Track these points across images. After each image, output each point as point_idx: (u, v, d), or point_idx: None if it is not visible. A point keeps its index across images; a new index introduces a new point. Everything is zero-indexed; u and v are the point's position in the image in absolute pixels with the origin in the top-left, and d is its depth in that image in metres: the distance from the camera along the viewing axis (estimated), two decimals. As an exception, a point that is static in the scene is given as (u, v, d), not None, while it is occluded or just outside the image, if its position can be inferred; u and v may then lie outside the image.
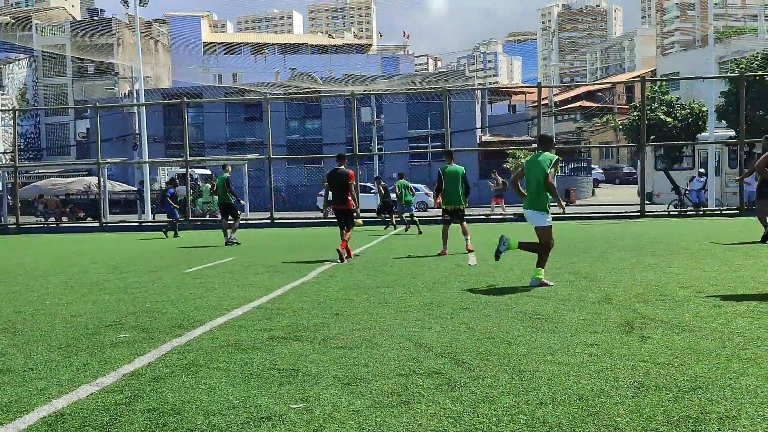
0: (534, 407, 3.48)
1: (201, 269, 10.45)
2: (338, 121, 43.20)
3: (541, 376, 4.02)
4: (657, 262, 9.48)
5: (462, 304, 6.56)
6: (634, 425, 3.19)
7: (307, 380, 4.08)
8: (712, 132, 27.98)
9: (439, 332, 5.31)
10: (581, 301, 6.53)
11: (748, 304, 6.07)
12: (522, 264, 9.74)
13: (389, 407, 3.55)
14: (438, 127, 40.46)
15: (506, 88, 69.22)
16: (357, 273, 9.31)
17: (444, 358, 4.49)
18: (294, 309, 6.56)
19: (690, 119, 32.69)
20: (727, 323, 5.30)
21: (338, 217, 11.56)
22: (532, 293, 7.07)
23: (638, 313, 5.84)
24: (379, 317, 6.00)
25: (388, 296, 7.16)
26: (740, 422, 3.17)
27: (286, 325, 5.76)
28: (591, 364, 4.24)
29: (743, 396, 3.54)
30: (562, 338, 4.98)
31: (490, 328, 5.41)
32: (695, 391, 3.65)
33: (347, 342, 5.07)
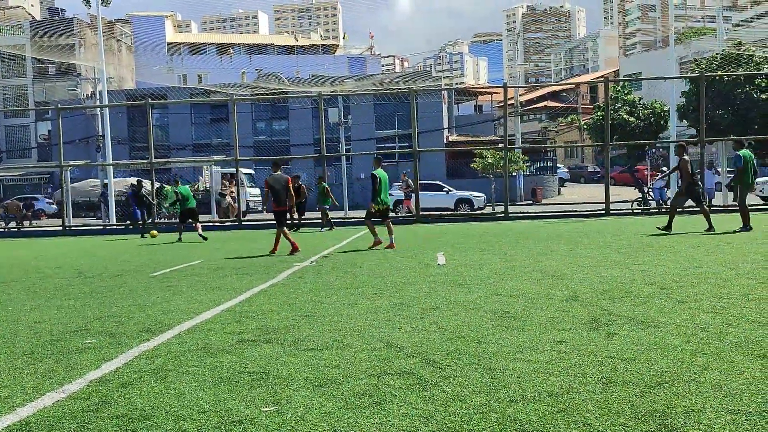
0: (505, 405, 3.51)
1: (168, 272, 10.32)
2: (305, 121, 43.05)
3: (511, 374, 4.07)
4: (622, 259, 9.65)
5: (431, 304, 6.59)
6: (603, 420, 3.24)
7: (278, 383, 4.06)
8: (673, 131, 28.61)
9: (409, 332, 5.32)
10: (549, 299, 6.61)
11: (710, 299, 6.22)
12: (490, 263, 9.83)
13: (361, 408, 3.55)
14: (405, 127, 40.59)
15: (472, 88, 69.73)
16: (326, 274, 9.29)
17: (415, 358, 4.51)
18: (263, 311, 6.51)
19: (652, 119, 33.40)
20: (691, 319, 5.42)
21: (278, 218, 12.91)
22: (500, 292, 7.13)
23: (605, 309, 5.94)
24: (350, 318, 5.99)
25: (358, 297, 7.16)
26: (705, 415, 3.25)
27: (256, 328, 5.72)
28: (560, 361, 4.30)
29: (707, 390, 3.62)
30: (530, 336, 5.03)
31: (460, 327, 5.44)
32: (661, 385, 3.73)
33: (318, 343, 5.05)
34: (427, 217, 23.34)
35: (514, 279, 8.07)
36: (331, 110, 31.46)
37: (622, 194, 33.33)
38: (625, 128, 32.92)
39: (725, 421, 3.17)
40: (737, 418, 3.19)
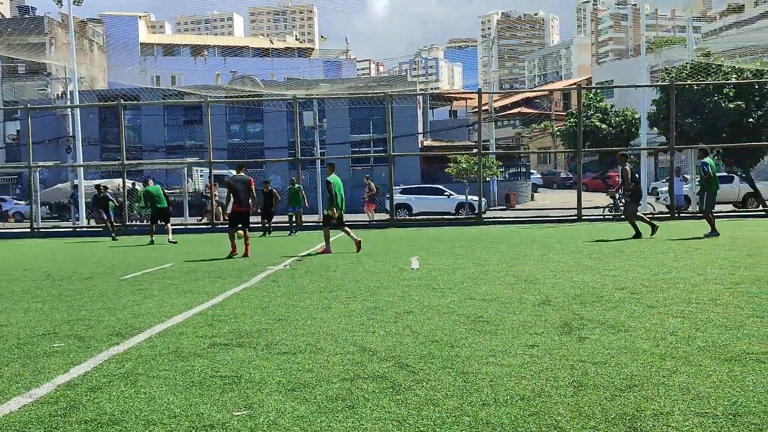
0: (477, 408, 3.53)
1: (139, 275, 10.18)
2: (280, 125, 42.85)
3: (483, 377, 4.09)
4: (593, 264, 9.76)
5: (405, 308, 6.60)
6: (574, 423, 3.27)
7: (251, 387, 4.03)
8: (644, 138, 29.06)
9: (383, 336, 5.32)
10: (522, 303, 6.66)
11: (679, 304, 6.32)
12: (464, 268, 9.88)
13: (334, 412, 3.53)
14: (380, 131, 40.62)
15: (447, 93, 70.09)
16: (300, 278, 9.25)
17: (388, 362, 4.51)
18: (236, 315, 6.46)
19: (623, 126, 33.86)
20: (660, 323, 5.50)
21: (239, 219, 13.03)
22: (473, 297, 7.17)
23: (576, 314, 6.00)
24: (323, 322, 5.97)
25: (332, 301, 7.14)
26: (673, 418, 3.30)
27: (228, 332, 5.67)
28: (532, 365, 4.33)
29: (676, 393, 3.68)
30: (503, 340, 5.06)
31: (433, 331, 5.46)
32: (631, 389, 3.78)
33: (291, 347, 5.03)
34: (402, 221, 23.38)
35: (488, 283, 8.12)
36: (306, 114, 31.38)
37: (593, 200, 33.75)
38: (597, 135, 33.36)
39: (693, 423, 3.22)
40: (705, 421, 3.24)
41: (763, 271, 8.35)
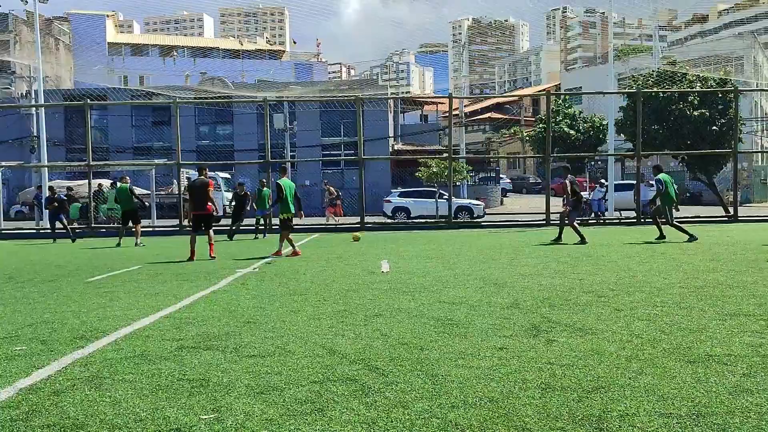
0: (446, 410, 3.54)
1: (104, 278, 10.00)
2: (250, 127, 42.53)
3: (453, 380, 4.10)
4: (562, 268, 9.88)
5: (375, 311, 6.59)
6: (542, 425, 3.30)
7: (219, 390, 3.98)
8: (611, 144, 29.53)
9: (352, 339, 5.31)
10: (491, 306, 6.71)
11: (645, 307, 6.43)
12: (434, 271, 9.91)
13: (303, 415, 3.51)
14: (351, 135, 40.60)
15: (418, 98, 70.36)
16: (269, 281, 9.18)
17: (358, 365, 4.50)
18: (204, 318, 6.39)
19: (591, 132, 34.37)
20: (626, 326, 5.59)
21: (198, 221, 13.08)
22: (443, 299, 7.19)
23: (545, 317, 6.06)
24: (292, 325, 5.94)
25: (301, 304, 7.11)
26: (639, 419, 3.35)
27: (196, 335, 5.60)
28: (501, 367, 4.36)
29: (641, 394, 3.73)
30: (473, 343, 5.09)
31: (403, 334, 5.46)
32: (598, 390, 3.82)
33: (259, 350, 4.98)
34: (372, 225, 23.39)
35: (457, 286, 8.16)
36: (277, 116, 31.24)
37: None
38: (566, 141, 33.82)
39: (658, 424, 3.27)
40: (669, 421, 3.30)
41: (725, 276, 8.54)
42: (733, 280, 8.07)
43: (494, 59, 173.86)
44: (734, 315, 5.92)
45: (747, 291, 7.24)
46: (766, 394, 3.68)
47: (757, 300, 6.66)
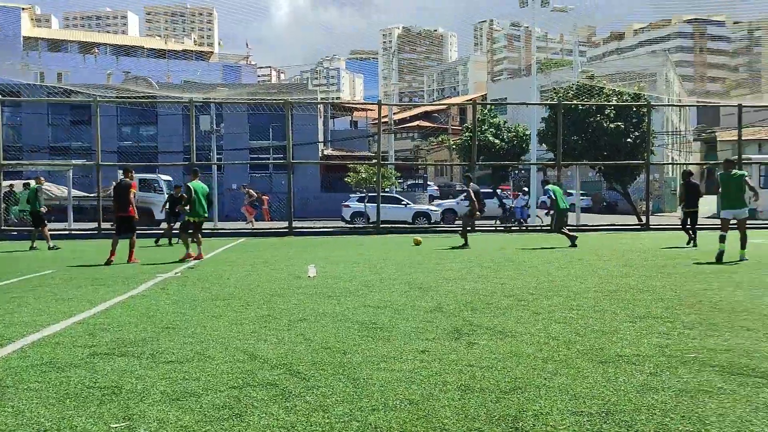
0: (367, 413, 3.54)
1: (13, 283, 9.50)
2: (175, 128, 41.45)
3: (374, 383, 4.10)
4: (484, 273, 10.08)
5: (299, 315, 6.53)
6: (460, 425, 3.35)
7: (132, 397, 3.84)
8: (534, 154, 30.40)
9: (275, 344, 5.24)
10: (415, 310, 6.77)
11: (562, 311, 6.64)
12: (360, 275, 9.92)
13: (220, 421, 3.43)
14: (280, 139, 40.19)
15: (347, 103, 70.46)
16: (191, 286, 8.95)
17: (279, 370, 4.44)
18: (120, 324, 6.16)
19: (515, 141, 35.28)
20: (544, 328, 5.75)
21: (120, 225, 12.98)
22: (368, 304, 7.20)
23: (466, 320, 6.16)
24: (213, 330, 5.81)
25: (224, 309, 6.96)
26: (552, 418, 3.44)
27: (111, 341, 5.39)
28: (422, 370, 4.40)
29: (555, 394, 3.85)
30: (395, 346, 5.12)
31: (326, 338, 5.43)
32: (515, 391, 3.91)
33: (177, 356, 4.84)
34: (300, 230, 23.20)
35: (383, 291, 8.19)
36: (203, 117, 30.55)
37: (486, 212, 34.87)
38: (491, 149, 34.53)
39: (569, 422, 3.38)
40: (580, 419, 3.41)
41: (636, 280, 8.93)
42: (644, 285, 8.44)
43: (423, 68, 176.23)
44: (644, 317, 6.19)
45: (656, 295, 7.58)
46: (670, 391, 3.86)
47: (664, 303, 6.98)
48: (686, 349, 4.92)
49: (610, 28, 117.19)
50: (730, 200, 12.05)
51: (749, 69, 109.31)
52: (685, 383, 4.03)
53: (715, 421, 3.37)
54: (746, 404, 3.62)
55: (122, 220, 12.93)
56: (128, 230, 12.88)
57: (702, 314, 6.32)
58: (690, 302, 7.04)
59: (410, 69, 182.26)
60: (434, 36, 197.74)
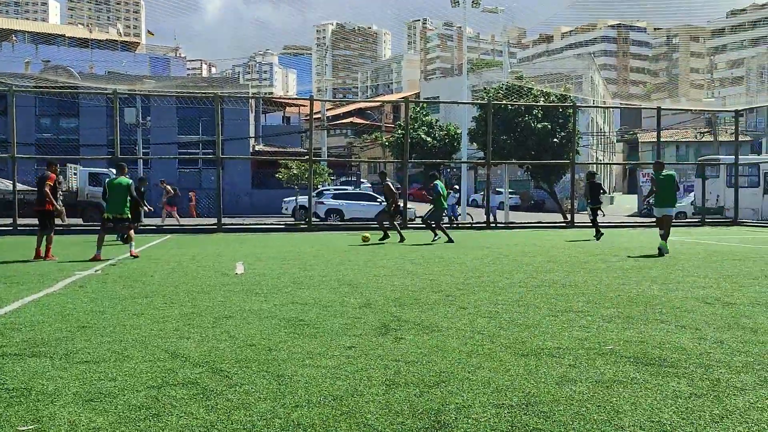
0: (290, 410, 3.49)
1: None
2: (99, 120, 39.97)
3: (299, 379, 4.06)
4: (414, 269, 10.16)
5: (225, 312, 6.40)
6: (383, 420, 3.35)
7: (42, 399, 3.66)
8: (464, 152, 30.89)
9: (198, 342, 5.11)
10: (343, 306, 6.75)
11: (487, 305, 6.75)
12: (289, 273, 9.82)
13: (136, 421, 3.32)
14: (210, 133, 39.36)
15: (278, 98, 69.67)
16: (112, 284, 8.64)
17: (201, 368, 4.33)
18: (33, 323, 5.87)
19: (447, 140, 35.79)
20: (470, 323, 5.83)
21: (38, 218, 12.41)
22: (296, 300, 7.13)
23: (394, 316, 6.19)
24: (133, 329, 5.62)
25: (146, 307, 6.75)
26: (474, 410, 3.49)
27: (22, 341, 5.13)
28: (348, 366, 4.39)
29: (478, 387, 3.90)
30: (322, 342, 5.08)
31: (252, 335, 5.34)
32: (439, 385, 3.95)
33: (93, 356, 4.66)
34: (229, 227, 22.80)
35: (312, 288, 8.13)
36: (128, 110, 29.59)
37: (418, 210, 35.22)
38: (423, 147, 34.92)
39: (490, 414, 3.43)
40: (501, 411, 3.47)
41: (559, 275, 9.20)
42: (566, 280, 8.70)
43: (357, 65, 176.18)
44: (565, 311, 6.38)
45: (578, 289, 7.83)
46: (588, 382, 3.99)
47: (586, 298, 7.22)
48: (604, 341, 5.09)
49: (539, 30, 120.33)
50: (663, 199, 12.86)
51: (668, 74, 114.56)
52: (602, 374, 4.17)
53: (629, 410, 3.49)
54: (657, 393, 3.77)
55: (38, 214, 12.38)
56: (44, 226, 12.30)
57: (620, 308, 6.57)
58: (609, 296, 7.30)
59: (344, 66, 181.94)
60: (368, 33, 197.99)
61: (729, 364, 4.41)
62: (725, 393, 3.77)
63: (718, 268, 10.12)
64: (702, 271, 9.63)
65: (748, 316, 6.07)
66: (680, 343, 5.02)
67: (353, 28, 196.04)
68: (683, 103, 60.36)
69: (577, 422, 3.30)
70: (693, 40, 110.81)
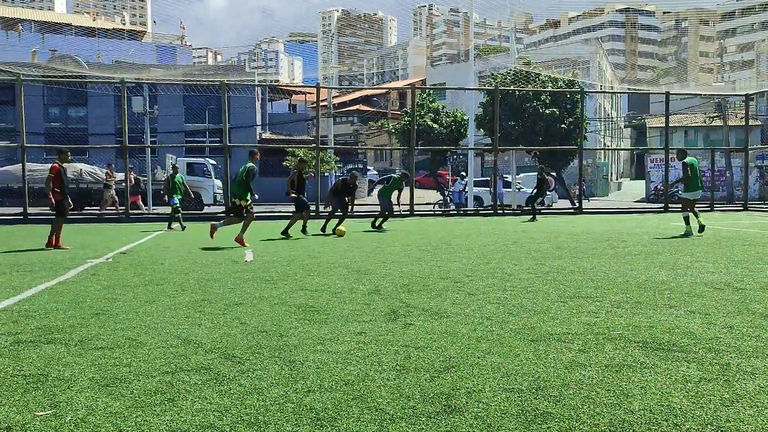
0: (302, 395, 3.54)
1: (-69, 270, 9.03)
2: (107, 110, 40.14)
3: (310, 365, 4.11)
4: (422, 256, 10.19)
5: (235, 299, 6.46)
6: (394, 405, 3.39)
7: (59, 385, 3.72)
8: (471, 139, 30.79)
9: (210, 328, 5.17)
10: (352, 293, 6.79)
11: (496, 291, 6.78)
12: (298, 259, 9.87)
13: (152, 406, 3.37)
14: (216, 121, 39.41)
15: (285, 86, 69.55)
16: (123, 271, 8.72)
17: (213, 354, 4.38)
18: (47, 310, 5.94)
19: (453, 126, 35.62)
20: (479, 309, 5.86)
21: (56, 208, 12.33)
22: (306, 287, 7.18)
23: (403, 302, 6.23)
24: (146, 316, 5.68)
25: (157, 294, 6.81)
26: (484, 395, 3.52)
27: (36, 328, 5.20)
28: (358, 351, 4.43)
29: (488, 372, 3.94)
30: (332, 328, 5.13)
31: (263, 322, 5.39)
32: (449, 370, 3.98)
33: (108, 342, 4.72)
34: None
35: (321, 274, 8.17)
36: (135, 99, 29.60)
37: (425, 197, 35.24)
38: (429, 134, 34.79)
39: (501, 398, 3.47)
40: (511, 396, 3.50)
41: (567, 262, 9.21)
42: (575, 266, 8.71)
43: (363, 52, 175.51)
44: (574, 297, 6.40)
45: (586, 276, 7.84)
46: (597, 367, 4.01)
47: (594, 283, 7.23)
48: (613, 326, 5.11)
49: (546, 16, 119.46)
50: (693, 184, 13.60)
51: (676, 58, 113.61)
52: (611, 359, 4.19)
53: (638, 393, 3.52)
54: (666, 377, 3.79)
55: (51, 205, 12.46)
56: (55, 214, 12.38)
57: (628, 293, 6.58)
58: (618, 282, 7.31)
59: (350, 53, 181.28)
60: (374, 20, 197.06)
61: (739, 348, 4.42)
62: (735, 377, 3.79)
63: (728, 253, 10.11)
64: (711, 257, 9.62)
65: (759, 301, 6.07)
66: (689, 328, 5.04)
67: (359, 14, 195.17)
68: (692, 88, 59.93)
69: (587, 406, 3.33)
70: (702, 23, 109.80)
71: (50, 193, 12.20)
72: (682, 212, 13.77)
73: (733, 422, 3.11)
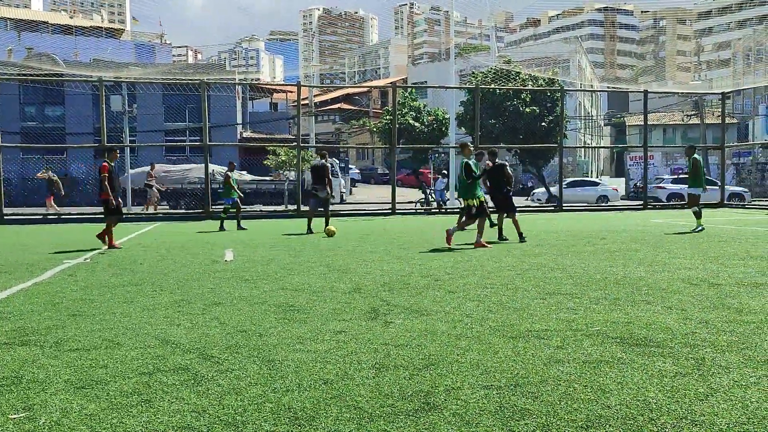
0: (280, 395, 3.52)
1: None
2: (85, 108, 39.63)
3: (289, 364, 4.09)
4: (403, 254, 10.19)
5: (215, 299, 6.41)
6: (373, 403, 3.39)
7: (33, 387, 3.67)
8: (452, 137, 30.90)
9: (188, 328, 5.13)
10: (333, 291, 6.77)
11: (476, 289, 6.80)
12: (279, 259, 9.83)
13: (128, 407, 3.33)
14: (197, 120, 39.09)
15: (265, 84, 69.22)
16: (101, 272, 8.62)
17: (192, 354, 4.35)
18: (22, 312, 5.86)
19: (435, 125, 35.78)
20: (458, 307, 5.88)
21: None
22: (286, 287, 7.16)
23: (384, 300, 6.22)
24: (124, 316, 5.62)
25: (135, 295, 6.74)
26: (463, 392, 3.53)
27: (11, 330, 5.13)
28: (338, 350, 4.42)
29: (467, 369, 3.95)
30: (312, 327, 5.11)
31: (242, 321, 5.36)
32: (428, 368, 3.99)
33: (84, 344, 4.66)
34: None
35: (301, 273, 8.15)
36: (114, 98, 29.31)
37: (407, 195, 35.26)
38: (411, 132, 34.84)
39: (479, 395, 3.48)
40: (489, 393, 3.52)
41: (547, 259, 9.27)
42: (555, 263, 8.77)
43: (344, 50, 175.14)
44: (553, 294, 6.44)
45: (566, 273, 7.90)
46: (575, 363, 4.04)
47: (573, 280, 7.28)
48: (591, 322, 5.15)
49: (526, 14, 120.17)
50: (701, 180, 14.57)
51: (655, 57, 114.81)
52: (589, 355, 4.22)
53: (615, 389, 3.55)
54: (643, 373, 3.83)
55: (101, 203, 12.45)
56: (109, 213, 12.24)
57: (607, 290, 6.64)
58: (596, 279, 7.37)
59: (331, 51, 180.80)
60: (355, 18, 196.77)
61: (714, 343, 4.48)
62: (710, 372, 3.84)
63: (705, 249, 10.23)
64: (688, 253, 9.73)
65: (734, 297, 6.16)
66: (666, 323, 5.09)
67: (340, 13, 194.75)
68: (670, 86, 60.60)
69: (565, 402, 3.35)
70: (680, 22, 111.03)
71: (103, 193, 12.01)
72: (690, 208, 14.31)
73: (708, 416, 3.14)
